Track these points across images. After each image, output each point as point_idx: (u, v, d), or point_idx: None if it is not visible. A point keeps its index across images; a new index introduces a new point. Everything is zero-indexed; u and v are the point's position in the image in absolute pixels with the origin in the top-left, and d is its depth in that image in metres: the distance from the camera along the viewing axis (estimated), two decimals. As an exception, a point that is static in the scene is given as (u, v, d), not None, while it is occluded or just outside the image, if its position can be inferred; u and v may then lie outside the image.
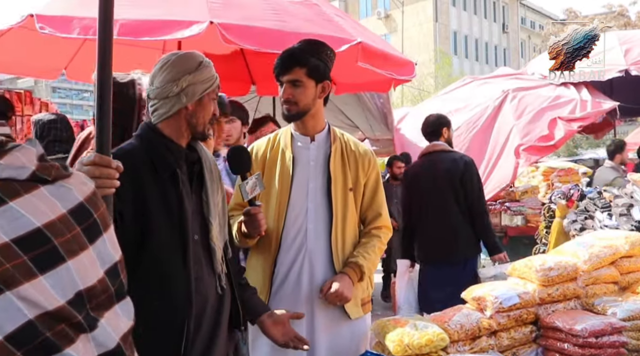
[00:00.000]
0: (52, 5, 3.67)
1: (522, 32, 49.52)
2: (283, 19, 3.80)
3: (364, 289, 2.48)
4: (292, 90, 2.38)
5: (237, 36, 3.50)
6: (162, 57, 1.97)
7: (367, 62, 4.01)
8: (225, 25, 3.45)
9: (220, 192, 2.07)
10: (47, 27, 3.36)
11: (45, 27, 3.36)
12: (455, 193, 4.20)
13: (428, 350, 2.04)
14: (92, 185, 0.97)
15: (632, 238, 2.64)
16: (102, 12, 1.50)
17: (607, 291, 2.51)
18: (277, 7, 3.96)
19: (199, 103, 1.94)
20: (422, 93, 29.40)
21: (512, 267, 2.61)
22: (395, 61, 4.48)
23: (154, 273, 1.82)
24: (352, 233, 2.48)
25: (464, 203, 4.20)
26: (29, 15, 3.44)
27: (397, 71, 4.49)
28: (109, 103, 1.49)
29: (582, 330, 2.12)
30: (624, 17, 25.87)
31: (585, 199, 4.87)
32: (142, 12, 3.50)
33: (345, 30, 4.03)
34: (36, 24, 3.36)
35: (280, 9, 3.94)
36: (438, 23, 40.81)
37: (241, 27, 3.56)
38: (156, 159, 1.88)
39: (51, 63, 4.82)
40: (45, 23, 3.38)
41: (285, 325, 2.11)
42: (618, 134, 9.30)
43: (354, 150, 2.53)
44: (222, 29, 3.41)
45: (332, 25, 4.05)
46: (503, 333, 2.27)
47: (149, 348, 1.81)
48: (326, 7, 4.40)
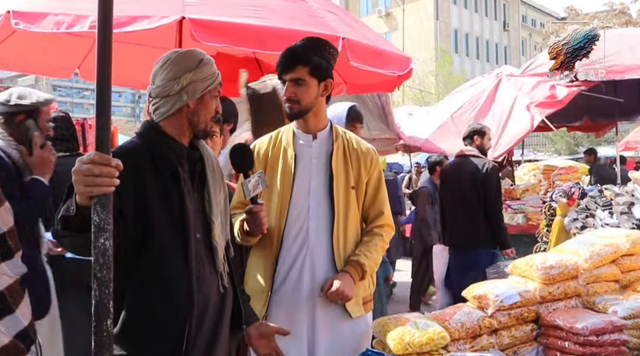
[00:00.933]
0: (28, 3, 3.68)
1: (523, 30, 49.49)
2: (263, 16, 3.75)
3: (365, 288, 2.48)
4: (294, 89, 2.37)
5: (207, 34, 3.44)
6: (162, 56, 1.96)
7: (359, 60, 3.96)
8: (197, 21, 3.39)
9: (223, 190, 2.07)
10: (22, 22, 3.37)
11: (19, 22, 3.37)
12: (476, 194, 5.02)
13: (429, 348, 2.04)
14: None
15: (633, 237, 2.64)
16: (101, 10, 1.49)
17: (608, 290, 2.51)
18: (259, 3, 3.91)
19: (200, 101, 1.93)
20: (423, 92, 29.39)
21: (513, 265, 2.61)
22: (390, 57, 4.42)
23: (156, 272, 1.82)
24: (354, 231, 2.47)
25: (483, 203, 5.02)
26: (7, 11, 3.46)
27: (394, 67, 4.43)
28: (109, 101, 1.48)
29: (583, 329, 2.12)
30: (625, 15, 25.83)
31: (586, 197, 4.87)
32: (119, 7, 3.49)
33: (330, 26, 3.95)
34: (11, 20, 3.37)
35: (262, 6, 3.89)
36: (439, 21, 40.80)
37: (214, 23, 3.48)
38: (158, 158, 1.88)
39: (64, 62, 4.83)
40: (19, 19, 3.39)
41: (270, 339, 2.13)
42: (619, 132, 9.27)
43: (356, 148, 2.52)
44: (193, 26, 3.36)
45: (316, 21, 3.96)
46: (504, 331, 2.27)
47: (151, 346, 1.82)
48: (317, 3, 4.33)
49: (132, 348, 1.80)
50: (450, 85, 26.63)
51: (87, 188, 1.47)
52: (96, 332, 1.46)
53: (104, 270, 1.45)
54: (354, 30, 4.23)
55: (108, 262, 1.46)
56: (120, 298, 1.76)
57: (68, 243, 1.73)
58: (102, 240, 1.45)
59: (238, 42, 3.52)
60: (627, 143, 13.57)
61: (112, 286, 1.47)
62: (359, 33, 4.27)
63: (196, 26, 3.39)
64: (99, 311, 1.46)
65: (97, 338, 1.46)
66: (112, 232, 1.47)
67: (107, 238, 1.46)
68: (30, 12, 3.45)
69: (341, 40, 3.79)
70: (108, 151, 1.50)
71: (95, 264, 1.45)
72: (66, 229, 1.63)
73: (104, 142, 1.49)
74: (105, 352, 1.46)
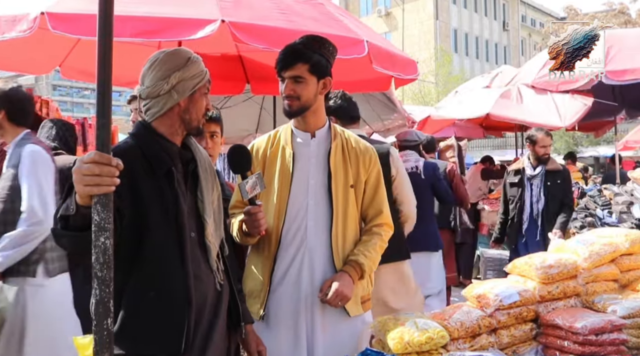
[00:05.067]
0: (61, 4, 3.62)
1: (522, 30, 49.47)
2: (290, 19, 3.78)
3: (364, 287, 2.48)
4: (294, 86, 2.36)
5: (248, 35, 3.48)
6: (150, 56, 1.98)
7: (380, 63, 3.99)
8: (236, 25, 3.43)
9: (216, 190, 2.08)
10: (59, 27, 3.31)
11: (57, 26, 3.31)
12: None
13: (428, 347, 2.04)
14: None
15: (632, 236, 2.64)
16: (102, 9, 1.49)
17: (607, 289, 2.51)
18: (282, 6, 3.94)
19: (190, 98, 1.96)
20: (423, 92, 29.38)
21: (512, 265, 2.62)
22: (400, 60, 4.45)
23: (153, 271, 1.84)
24: (353, 230, 2.47)
25: None
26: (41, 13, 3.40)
27: (403, 70, 4.45)
28: (109, 101, 1.49)
29: (582, 328, 2.12)
30: (624, 15, 25.83)
31: (586, 197, 4.89)
32: (151, 9, 3.48)
33: (351, 29, 4.01)
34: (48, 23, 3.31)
35: (286, 8, 3.92)
36: (438, 21, 40.77)
37: (252, 26, 3.54)
38: (152, 157, 1.90)
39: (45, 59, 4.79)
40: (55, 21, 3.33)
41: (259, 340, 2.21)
42: (619, 132, 9.26)
43: (354, 147, 2.52)
44: (233, 28, 3.40)
45: (338, 24, 4.03)
46: (503, 330, 2.27)
47: (150, 345, 1.83)
48: (329, 6, 4.37)
49: (130, 347, 1.80)
50: (450, 84, 26.62)
51: (88, 187, 1.47)
52: (97, 331, 1.46)
53: (105, 269, 1.46)
54: (366, 33, 4.25)
55: (108, 261, 1.46)
56: (118, 297, 1.77)
57: (66, 243, 1.73)
58: (102, 239, 1.46)
59: (275, 43, 3.48)
60: (627, 143, 13.58)
61: (112, 286, 1.47)
62: (370, 36, 4.29)
63: (238, 29, 3.43)
64: (99, 310, 1.46)
65: (98, 337, 1.46)
66: (112, 231, 1.48)
67: (107, 237, 1.46)
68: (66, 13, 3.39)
69: (366, 43, 3.80)
70: (109, 151, 1.50)
71: (95, 263, 1.46)
72: (66, 228, 1.64)
73: (104, 141, 1.49)
74: (105, 351, 1.46)
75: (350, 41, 3.82)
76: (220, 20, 3.36)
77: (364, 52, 3.80)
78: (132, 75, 4.82)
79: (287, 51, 2.40)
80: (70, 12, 3.34)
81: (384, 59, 4.10)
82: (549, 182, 5.23)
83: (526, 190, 5.30)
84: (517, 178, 5.39)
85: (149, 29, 3.40)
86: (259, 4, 3.89)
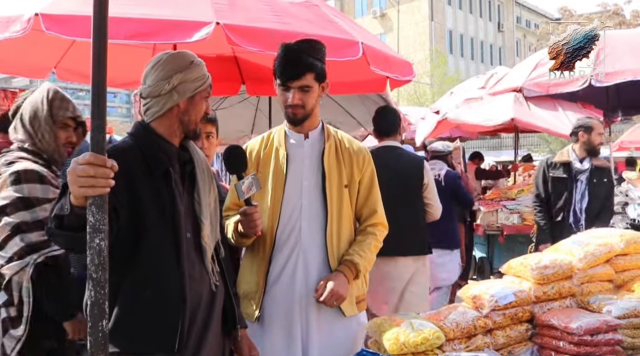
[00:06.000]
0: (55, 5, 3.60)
1: (517, 31, 49.61)
2: (285, 21, 3.77)
3: (359, 287, 2.49)
4: (301, 95, 2.35)
5: (242, 38, 3.46)
6: (154, 57, 2.00)
7: (376, 65, 3.99)
8: (231, 27, 3.41)
9: (213, 191, 2.09)
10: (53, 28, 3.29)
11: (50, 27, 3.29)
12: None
13: (424, 348, 2.04)
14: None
15: (627, 237, 2.64)
16: (97, 10, 1.49)
17: (603, 290, 2.52)
18: (277, 8, 3.93)
19: (190, 101, 1.97)
20: (418, 93, 29.41)
21: (507, 265, 2.62)
22: (396, 62, 4.45)
23: (148, 271, 1.85)
24: (347, 230, 2.47)
25: None
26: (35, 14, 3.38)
27: (399, 72, 4.45)
28: (104, 103, 1.49)
29: (578, 328, 2.13)
30: (618, 16, 25.92)
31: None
32: (146, 11, 3.46)
33: (345, 31, 4.00)
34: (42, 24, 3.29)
35: (281, 10, 3.91)
36: (433, 22, 40.84)
37: (246, 29, 3.52)
38: (149, 157, 1.91)
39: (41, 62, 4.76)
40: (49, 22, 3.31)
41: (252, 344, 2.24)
42: (613, 133, 9.30)
43: (348, 148, 2.52)
44: (228, 31, 3.39)
45: (332, 26, 4.01)
46: (499, 331, 2.27)
47: (144, 344, 1.83)
48: (324, 7, 4.36)
49: (124, 346, 1.81)
50: (445, 85, 26.65)
51: (82, 189, 1.47)
52: (92, 333, 1.46)
53: (100, 271, 1.45)
54: (361, 35, 4.24)
55: (104, 262, 1.46)
56: (113, 296, 1.77)
57: (63, 242, 1.75)
58: (97, 241, 1.45)
59: (269, 46, 3.44)
60: (621, 144, 13.64)
61: (107, 287, 1.47)
62: (366, 38, 4.28)
63: (232, 32, 3.40)
64: (94, 311, 1.45)
65: (93, 338, 1.46)
66: (107, 232, 1.47)
67: (102, 239, 1.46)
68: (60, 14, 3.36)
69: (360, 45, 3.80)
70: (103, 152, 1.50)
71: (90, 265, 1.45)
72: (60, 227, 1.64)
73: (99, 143, 1.49)
74: (100, 352, 1.46)
75: (345, 43, 3.81)
76: (215, 23, 3.35)
77: (359, 55, 3.80)
78: (127, 76, 4.87)
79: (293, 61, 2.35)
80: (64, 14, 3.31)
81: (380, 61, 4.10)
82: (595, 179, 4.74)
83: (575, 187, 4.78)
84: (565, 172, 4.83)
85: (144, 31, 3.38)
86: (254, 6, 3.87)
